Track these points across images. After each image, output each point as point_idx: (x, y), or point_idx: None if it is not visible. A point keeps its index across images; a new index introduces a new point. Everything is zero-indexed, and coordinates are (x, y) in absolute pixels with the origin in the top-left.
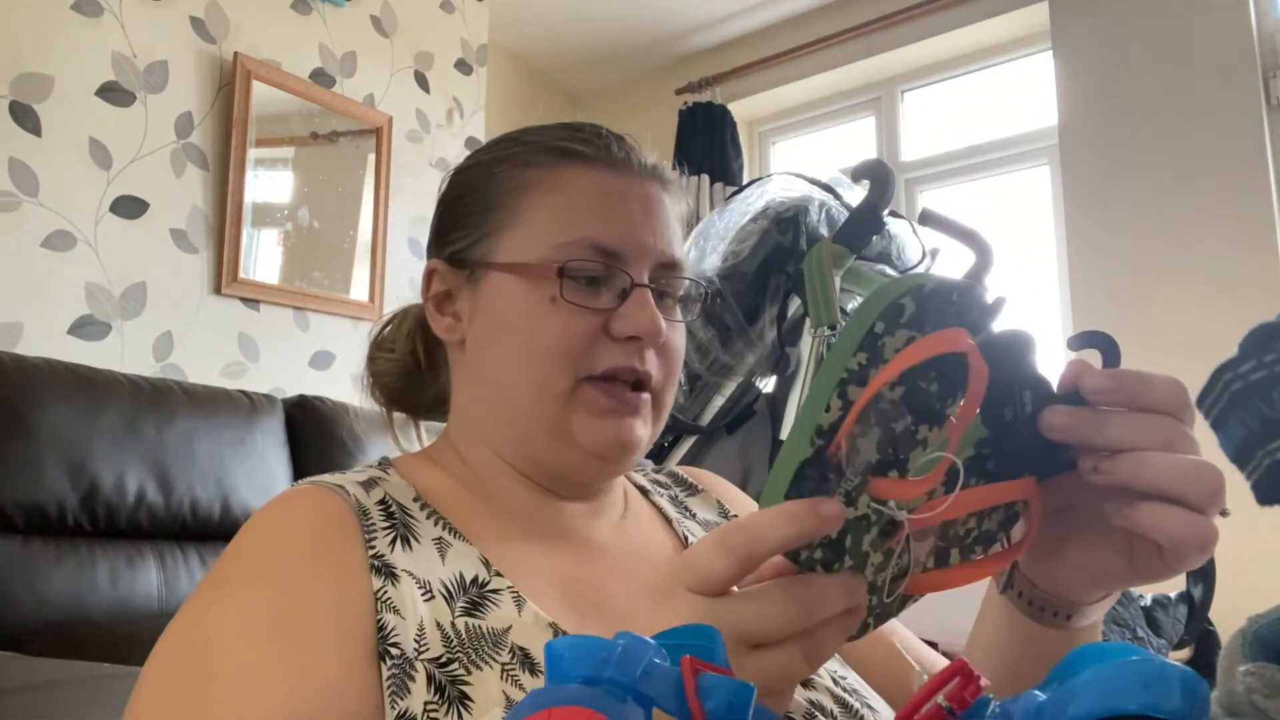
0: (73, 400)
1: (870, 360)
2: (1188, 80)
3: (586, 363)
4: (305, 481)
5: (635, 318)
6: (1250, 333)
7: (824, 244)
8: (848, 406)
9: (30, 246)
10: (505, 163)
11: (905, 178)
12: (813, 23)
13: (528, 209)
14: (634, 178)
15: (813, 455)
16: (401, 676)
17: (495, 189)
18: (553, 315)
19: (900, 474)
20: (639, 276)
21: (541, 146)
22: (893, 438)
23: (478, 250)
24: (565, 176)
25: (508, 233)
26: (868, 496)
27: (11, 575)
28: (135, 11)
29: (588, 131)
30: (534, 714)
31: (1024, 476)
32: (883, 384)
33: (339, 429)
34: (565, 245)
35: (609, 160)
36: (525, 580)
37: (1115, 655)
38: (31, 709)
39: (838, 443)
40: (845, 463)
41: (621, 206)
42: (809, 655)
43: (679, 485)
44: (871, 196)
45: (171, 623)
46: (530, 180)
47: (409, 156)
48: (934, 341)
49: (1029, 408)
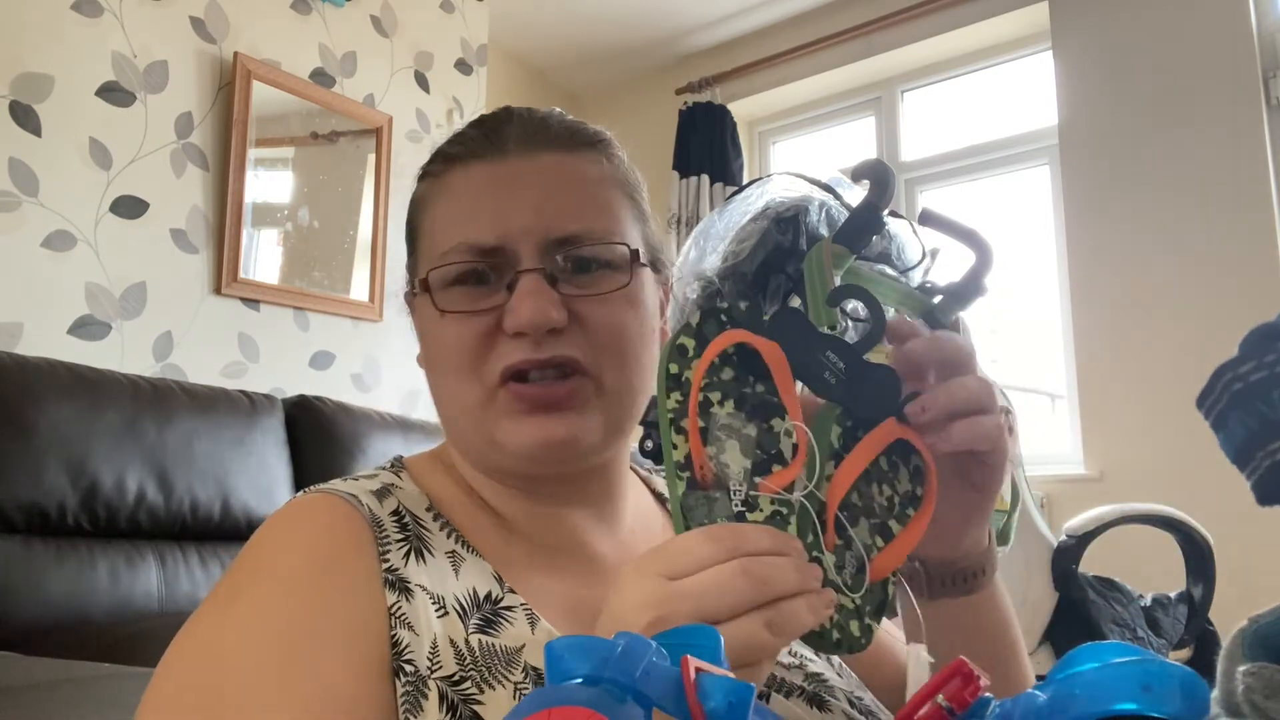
0: (73, 400)
1: (683, 393)
2: (1188, 80)
3: (488, 368)
4: (317, 489)
5: (518, 309)
6: (1250, 333)
7: (824, 244)
8: (686, 435)
9: (30, 246)
10: (419, 181)
11: (905, 178)
12: (813, 23)
13: (425, 226)
14: (511, 159)
15: (686, 487)
16: (415, 694)
17: (412, 210)
18: (443, 328)
19: (783, 466)
20: (526, 262)
21: (436, 157)
22: (753, 441)
23: (414, 272)
24: (447, 183)
25: (420, 255)
26: (766, 497)
27: (11, 575)
28: (135, 11)
29: (471, 127)
30: (534, 714)
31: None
32: (695, 400)
33: (339, 429)
34: (446, 253)
35: (480, 152)
36: (537, 599)
37: (1115, 655)
38: (31, 709)
39: (699, 468)
40: (724, 478)
41: (496, 195)
42: (771, 624)
43: None
44: (871, 196)
45: (181, 633)
46: (424, 195)
47: (409, 156)
48: (712, 348)
49: (842, 363)
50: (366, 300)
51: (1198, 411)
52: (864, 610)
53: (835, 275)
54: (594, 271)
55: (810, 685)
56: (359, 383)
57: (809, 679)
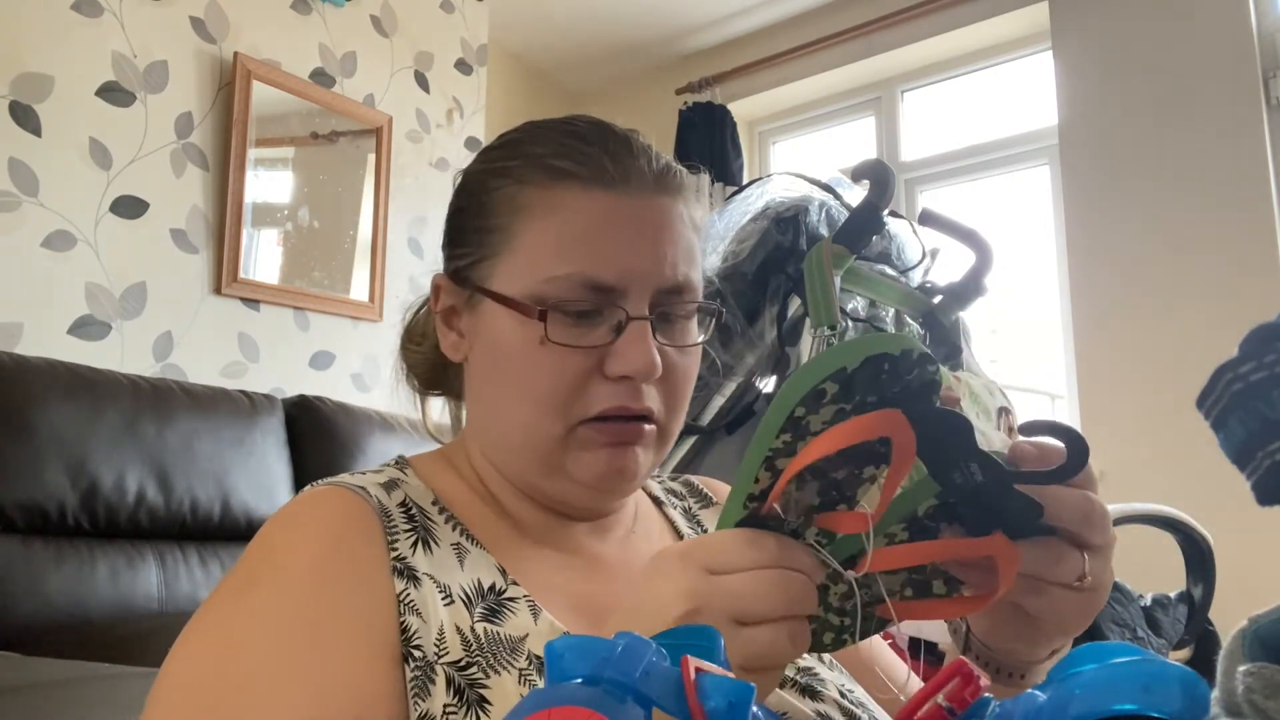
0: (73, 400)
1: (795, 437)
2: (1188, 80)
3: (579, 407)
4: (325, 482)
5: (629, 356)
6: (1250, 333)
7: (824, 244)
8: (776, 475)
9: (30, 246)
10: (502, 177)
11: (905, 178)
12: (813, 23)
13: (522, 234)
14: (634, 195)
15: (747, 516)
16: (423, 679)
17: (492, 207)
18: (542, 357)
19: (849, 508)
20: (637, 308)
21: (537, 161)
22: (834, 484)
23: (477, 272)
24: (560, 199)
25: (503, 259)
26: (814, 529)
27: (11, 575)
28: (135, 11)
29: (587, 142)
30: (534, 714)
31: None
32: (808, 463)
33: (339, 429)
34: (556, 279)
35: (605, 179)
36: (540, 591)
37: (1115, 655)
38: (31, 709)
39: (769, 504)
40: (784, 511)
41: (618, 233)
42: (794, 636)
43: (694, 496)
44: (871, 196)
45: (193, 621)
46: (525, 202)
47: (409, 156)
48: (860, 427)
49: (979, 477)
50: (366, 300)
51: (1198, 411)
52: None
53: (835, 275)
54: (677, 322)
55: (801, 677)
56: (359, 383)
57: (800, 671)
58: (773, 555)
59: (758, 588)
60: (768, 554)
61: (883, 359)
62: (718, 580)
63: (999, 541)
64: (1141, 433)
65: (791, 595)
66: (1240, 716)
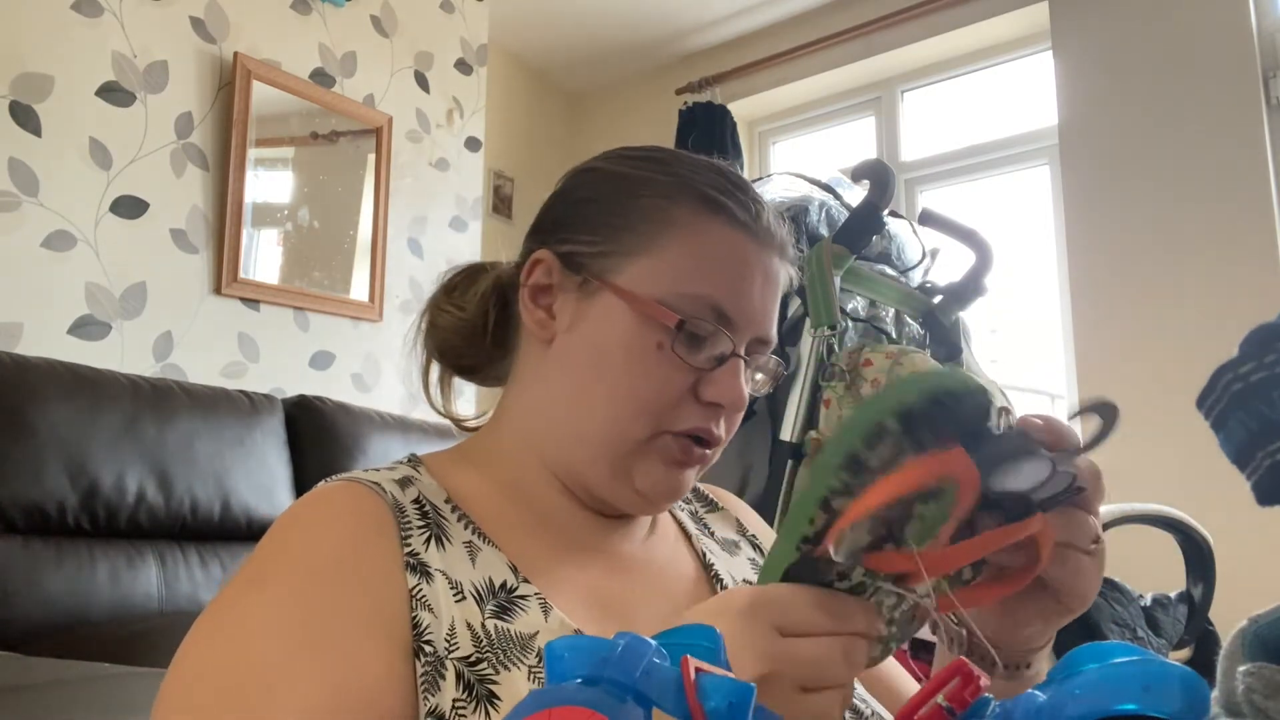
0: (73, 400)
1: (854, 475)
2: (1188, 80)
3: (670, 418)
4: (339, 478)
5: (726, 387)
6: (1250, 334)
7: (824, 244)
8: (832, 515)
9: (30, 246)
10: (651, 186)
11: (905, 178)
12: (813, 23)
13: (665, 247)
14: (765, 248)
15: (799, 559)
16: (433, 674)
17: (637, 210)
18: (655, 363)
19: (896, 546)
20: (739, 347)
21: (694, 187)
22: (885, 522)
23: (600, 263)
24: (708, 227)
25: (638, 260)
26: (861, 569)
27: (11, 575)
28: (135, 11)
29: (740, 188)
30: (534, 714)
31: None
32: (874, 506)
33: (339, 429)
34: (688, 296)
35: (753, 226)
36: (552, 588)
37: (1115, 655)
38: (31, 709)
39: (824, 547)
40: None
41: (749, 276)
42: (846, 699)
43: (700, 501)
44: (871, 196)
45: (205, 615)
46: (675, 218)
47: (409, 156)
48: (928, 470)
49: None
50: (366, 300)
51: (1198, 411)
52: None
53: (835, 275)
54: (750, 371)
55: None
56: (359, 383)
57: None
58: (837, 621)
59: (830, 656)
60: (833, 619)
61: (944, 395)
62: (792, 645)
63: (1038, 520)
64: (1141, 433)
65: (854, 662)
66: (1240, 716)
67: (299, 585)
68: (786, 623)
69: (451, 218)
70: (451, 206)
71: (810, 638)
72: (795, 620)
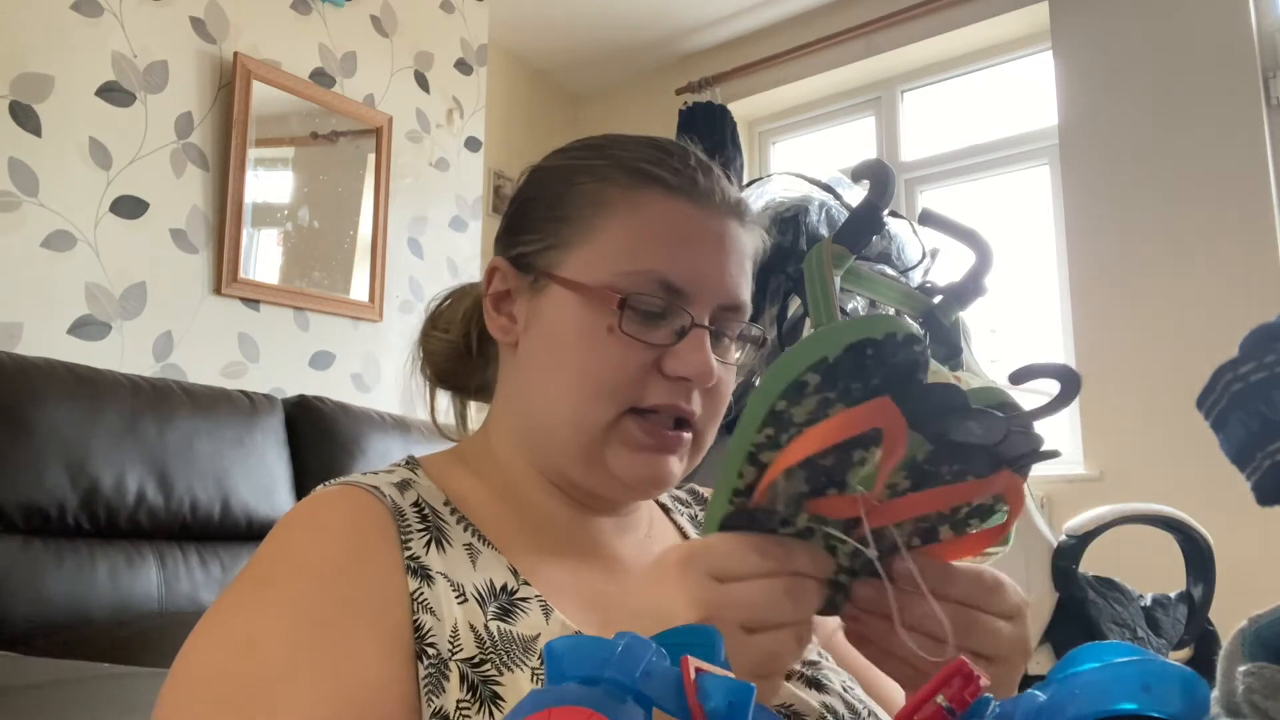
0: (73, 400)
1: (778, 430)
2: (1188, 80)
3: (633, 395)
4: (338, 482)
5: (689, 359)
6: (1250, 334)
7: (824, 244)
8: (761, 469)
9: (30, 246)
10: (586, 174)
11: (905, 178)
12: (813, 23)
13: (601, 229)
14: (713, 212)
15: (734, 511)
16: (437, 676)
17: (571, 200)
18: (608, 345)
19: (840, 491)
20: (699, 317)
21: (625, 164)
22: (823, 470)
23: (544, 259)
24: (644, 201)
25: (577, 249)
26: (805, 515)
27: (11, 575)
28: (135, 11)
29: (675, 156)
30: (533, 714)
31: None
32: (795, 461)
33: (339, 429)
34: (632, 274)
35: (691, 191)
36: (552, 591)
37: (1115, 655)
38: (31, 709)
39: (756, 497)
40: (772, 503)
41: (695, 242)
42: (800, 638)
43: (699, 504)
44: (871, 196)
45: (205, 620)
46: (608, 199)
47: (409, 156)
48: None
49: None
50: (366, 300)
51: (1198, 412)
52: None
53: (835, 275)
54: (725, 340)
55: (808, 670)
56: (359, 383)
57: (806, 664)
58: (779, 562)
59: (768, 596)
60: (774, 561)
61: (865, 344)
62: (727, 589)
63: (1005, 478)
64: (1141, 433)
65: (799, 601)
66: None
67: (300, 590)
68: (723, 568)
69: (451, 218)
70: (451, 206)
71: (747, 581)
72: (730, 566)
